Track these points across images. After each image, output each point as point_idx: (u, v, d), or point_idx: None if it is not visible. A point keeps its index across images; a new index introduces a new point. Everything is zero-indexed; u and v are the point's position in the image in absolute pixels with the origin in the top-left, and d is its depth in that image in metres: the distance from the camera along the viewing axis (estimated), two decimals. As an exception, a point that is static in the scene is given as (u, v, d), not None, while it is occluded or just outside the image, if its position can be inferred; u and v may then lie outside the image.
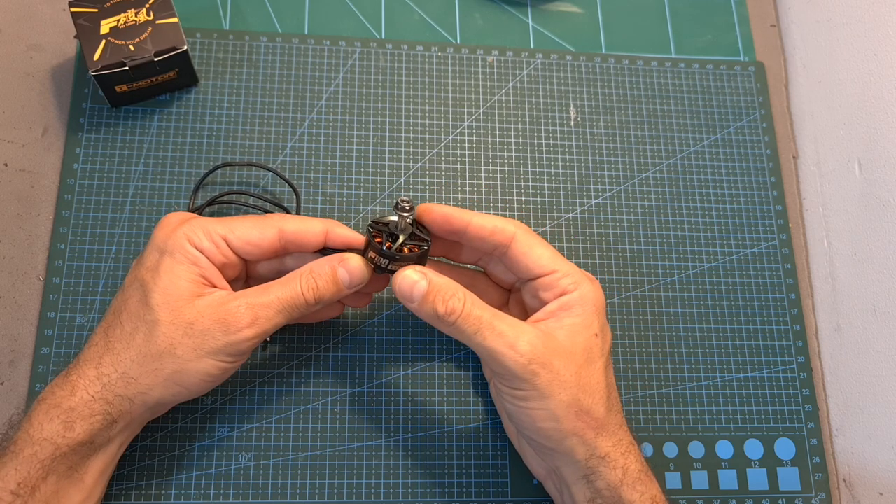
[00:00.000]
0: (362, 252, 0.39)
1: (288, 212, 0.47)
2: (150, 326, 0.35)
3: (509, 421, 0.43)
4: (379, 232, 0.38)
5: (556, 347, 0.36)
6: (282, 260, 0.41)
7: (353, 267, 0.38)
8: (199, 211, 0.47)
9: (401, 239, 0.38)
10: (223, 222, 0.38)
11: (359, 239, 0.39)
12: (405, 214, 0.38)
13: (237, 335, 0.35)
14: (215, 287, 0.37)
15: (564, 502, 0.40)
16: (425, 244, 0.39)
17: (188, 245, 0.37)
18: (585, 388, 0.37)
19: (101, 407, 0.35)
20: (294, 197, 0.48)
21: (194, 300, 0.36)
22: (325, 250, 0.40)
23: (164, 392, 0.36)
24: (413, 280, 0.36)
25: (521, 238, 0.39)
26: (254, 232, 0.38)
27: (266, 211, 0.47)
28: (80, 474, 0.36)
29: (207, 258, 0.37)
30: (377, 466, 0.44)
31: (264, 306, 0.36)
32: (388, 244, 0.38)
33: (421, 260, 0.38)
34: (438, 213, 0.39)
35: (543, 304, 0.39)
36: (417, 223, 0.40)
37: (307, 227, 0.39)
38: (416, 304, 0.36)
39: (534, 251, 0.39)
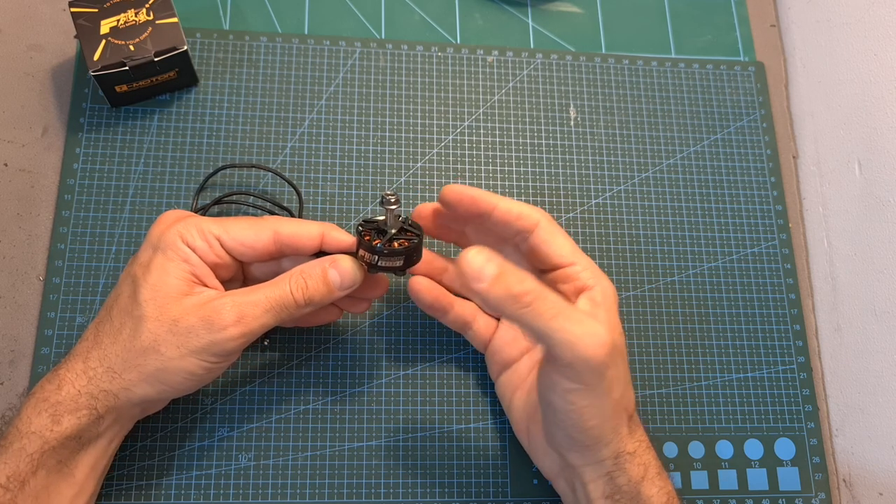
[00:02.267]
0: (354, 253, 0.38)
1: (291, 213, 0.47)
2: (136, 322, 0.35)
3: (523, 419, 0.42)
4: (369, 230, 0.38)
5: (615, 342, 0.35)
6: (278, 262, 0.41)
7: (344, 268, 0.38)
8: (204, 211, 0.47)
9: (390, 233, 0.38)
10: (219, 222, 0.38)
11: (355, 242, 0.39)
12: (392, 207, 0.37)
13: (221, 333, 0.35)
14: (206, 286, 0.37)
15: (577, 499, 0.39)
16: (415, 238, 0.38)
17: (180, 242, 0.36)
18: (627, 384, 0.37)
19: (86, 401, 0.35)
20: (295, 197, 0.48)
21: (182, 298, 0.36)
22: (321, 254, 0.39)
23: (149, 389, 0.36)
24: (482, 259, 0.33)
25: (544, 226, 0.39)
26: (248, 233, 0.38)
27: (270, 212, 0.47)
28: (69, 469, 0.36)
29: (200, 257, 0.37)
30: (377, 466, 0.44)
31: (251, 304, 0.36)
32: (376, 241, 0.37)
33: (412, 253, 0.38)
34: (467, 194, 0.39)
35: (562, 295, 0.38)
36: (408, 219, 0.40)
37: (303, 231, 0.38)
38: (485, 284, 0.32)
39: (556, 240, 0.39)
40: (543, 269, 0.40)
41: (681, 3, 0.58)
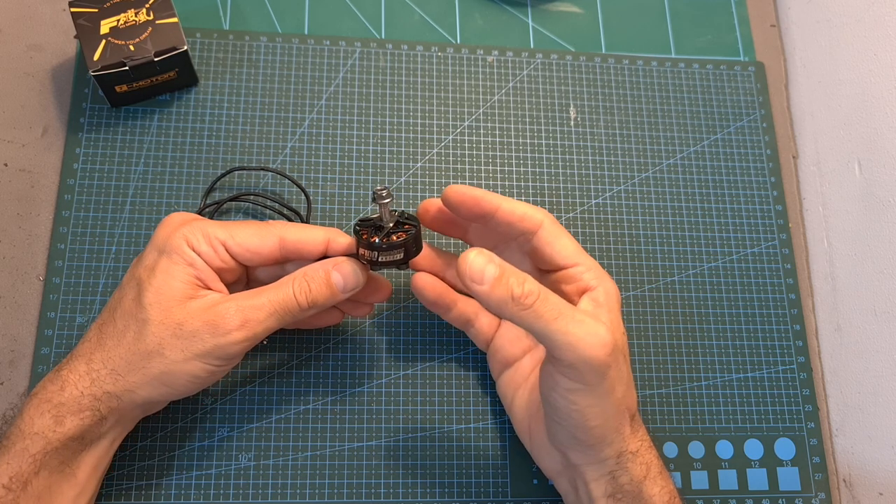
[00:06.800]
0: (355, 254, 0.38)
1: (299, 215, 0.47)
2: (140, 325, 0.35)
3: (525, 418, 0.42)
4: (366, 229, 0.38)
5: (616, 343, 0.35)
6: (283, 266, 0.41)
7: (347, 271, 0.38)
8: (211, 214, 0.46)
9: (387, 227, 0.38)
10: (224, 227, 0.38)
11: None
12: (385, 202, 0.37)
13: (226, 337, 0.35)
14: (210, 290, 0.37)
15: (579, 498, 0.39)
16: (413, 228, 0.38)
17: (186, 247, 0.36)
18: (629, 384, 0.37)
19: (89, 403, 0.35)
20: (302, 198, 0.48)
21: (187, 302, 0.36)
22: (326, 258, 0.40)
23: (152, 391, 0.36)
24: (483, 261, 0.33)
25: (548, 227, 0.39)
26: (254, 239, 0.38)
27: (278, 213, 0.47)
28: (71, 469, 0.36)
29: (205, 261, 0.37)
30: (377, 466, 0.44)
31: (255, 308, 0.36)
32: (374, 237, 0.37)
33: (411, 244, 0.38)
34: (470, 194, 0.38)
35: (565, 296, 0.38)
36: (404, 212, 0.39)
37: (309, 237, 0.38)
38: (486, 287, 0.33)
39: (559, 241, 0.39)
40: (546, 270, 0.40)
41: (681, 3, 0.58)
